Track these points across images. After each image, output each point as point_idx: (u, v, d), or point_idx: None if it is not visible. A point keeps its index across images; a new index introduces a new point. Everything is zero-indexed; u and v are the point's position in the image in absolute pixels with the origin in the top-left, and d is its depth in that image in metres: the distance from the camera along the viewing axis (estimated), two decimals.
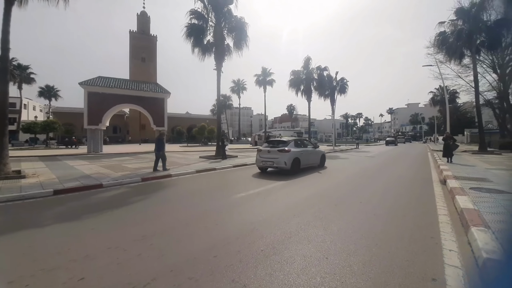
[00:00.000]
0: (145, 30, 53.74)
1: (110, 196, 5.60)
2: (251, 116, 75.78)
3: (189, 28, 14.41)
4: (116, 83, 20.32)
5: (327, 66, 27.72)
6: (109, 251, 2.74)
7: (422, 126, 66.97)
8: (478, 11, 19.24)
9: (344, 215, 4.01)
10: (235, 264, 2.42)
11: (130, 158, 14.43)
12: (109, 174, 8.08)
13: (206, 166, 10.13)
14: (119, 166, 10.25)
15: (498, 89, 24.60)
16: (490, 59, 24.38)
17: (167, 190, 6.25)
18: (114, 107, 19.75)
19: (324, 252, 2.68)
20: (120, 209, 4.48)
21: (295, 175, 8.24)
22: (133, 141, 45.04)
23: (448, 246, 2.86)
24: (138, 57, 51.90)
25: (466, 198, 4.52)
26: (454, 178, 6.81)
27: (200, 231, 3.33)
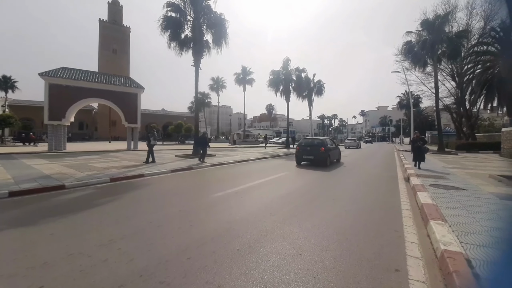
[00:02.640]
0: (117, 20, 50.39)
1: (73, 198, 5.15)
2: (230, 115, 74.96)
3: (166, 21, 13.81)
4: (82, 75, 18.75)
5: (305, 68, 28.47)
6: (71, 258, 2.52)
7: (390, 128, 72.11)
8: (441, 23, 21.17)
9: (318, 212, 4.15)
10: (210, 265, 2.37)
11: (98, 156, 13.43)
12: (73, 174, 7.43)
13: (183, 165, 9.81)
14: (85, 165, 9.48)
15: (455, 95, 27.39)
16: (450, 68, 27.06)
17: (139, 191, 5.92)
18: (80, 101, 18.20)
19: (298, 249, 2.75)
20: (84, 212, 4.14)
21: (274, 174, 8.36)
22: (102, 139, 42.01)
23: (410, 238, 3.10)
24: (109, 48, 48.49)
25: (426, 194, 4.95)
26: (416, 176, 7.43)
27: (174, 233, 3.20)
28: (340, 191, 5.97)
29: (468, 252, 2.47)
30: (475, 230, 3.09)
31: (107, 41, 48.37)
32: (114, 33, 49.21)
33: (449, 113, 29.40)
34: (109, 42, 48.51)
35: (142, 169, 8.62)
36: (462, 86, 25.14)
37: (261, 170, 9.61)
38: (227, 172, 9.15)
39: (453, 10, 25.00)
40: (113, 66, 45.16)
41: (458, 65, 25.81)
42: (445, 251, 2.45)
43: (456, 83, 26.78)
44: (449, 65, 26.72)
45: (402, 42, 23.73)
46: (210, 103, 54.10)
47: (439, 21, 21.33)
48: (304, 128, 78.58)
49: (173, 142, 34.41)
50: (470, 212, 3.85)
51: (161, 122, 50.03)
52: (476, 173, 8.32)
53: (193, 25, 14.23)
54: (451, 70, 27.10)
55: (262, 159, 14.11)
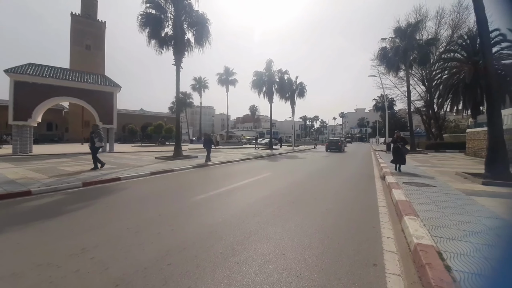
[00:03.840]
0: (91, 15, 47.52)
1: (40, 204, 4.74)
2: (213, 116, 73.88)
3: (145, 17, 13.27)
4: (51, 72, 17.42)
5: (288, 70, 28.91)
6: (39, 269, 2.32)
7: (367, 129, 75.76)
8: (412, 31, 22.70)
9: (301, 212, 4.21)
10: (192, 270, 2.29)
11: (68, 159, 12.53)
12: (40, 178, 6.85)
13: (163, 168, 9.47)
14: (54, 169, 8.79)
15: (425, 99, 29.49)
16: (420, 73, 29.12)
17: (115, 195, 5.60)
18: (49, 100, 16.89)
19: (281, 249, 2.76)
20: (53, 220, 3.82)
21: (258, 175, 8.37)
22: (73, 140, 39.27)
23: (386, 234, 3.26)
24: (82, 44, 45.54)
25: (400, 191, 5.25)
26: (391, 174, 7.85)
27: (153, 238, 3.06)
28: (321, 190, 6.13)
29: (438, 245, 2.64)
30: (444, 224, 3.32)
31: (80, 37, 45.37)
32: (88, 28, 46.31)
33: (419, 115, 31.61)
34: (82, 37, 45.55)
35: (118, 172, 8.19)
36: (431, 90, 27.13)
37: (245, 171, 9.58)
38: (209, 174, 8.99)
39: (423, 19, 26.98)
40: (86, 63, 42.38)
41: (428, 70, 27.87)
42: (418, 245, 2.60)
43: (426, 88, 28.88)
44: (419, 71, 28.78)
45: (378, 48, 25.14)
46: (192, 104, 52.95)
47: (410, 29, 22.86)
48: (287, 129, 79.80)
49: (153, 144, 33.10)
50: (439, 207, 4.14)
51: (140, 123, 47.93)
52: (444, 171, 8.99)
53: (174, 23, 13.83)
54: (422, 75, 29.19)
55: (246, 160, 14.08)
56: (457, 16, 25.97)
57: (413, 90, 29.61)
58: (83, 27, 45.79)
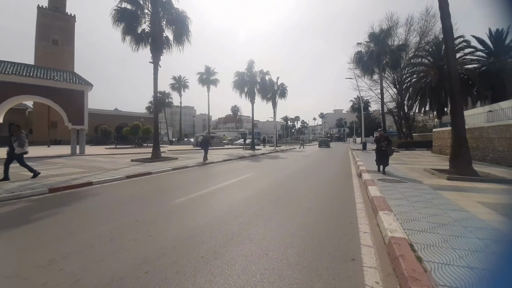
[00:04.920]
0: (60, 8, 44.04)
1: (3, 213, 4.28)
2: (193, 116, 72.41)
3: (120, 12, 12.59)
4: (13, 69, 15.84)
5: (269, 71, 29.21)
6: (6, 281, 2.13)
7: (345, 129, 79.04)
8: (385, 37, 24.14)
9: (283, 211, 4.26)
10: (171, 277, 2.21)
11: (33, 163, 11.44)
12: (1, 185, 6.19)
13: (140, 170, 9.05)
14: (16, 174, 7.99)
15: (397, 100, 31.47)
16: (392, 76, 31.03)
17: (87, 201, 5.23)
18: (10, 99, 15.32)
19: (264, 249, 2.76)
20: (18, 229, 3.47)
21: (240, 176, 8.33)
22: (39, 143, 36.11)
23: (363, 229, 3.41)
24: (48, 38, 42.00)
25: (375, 188, 5.53)
26: (367, 172, 8.25)
27: (129, 245, 2.90)
28: (302, 189, 6.26)
29: (410, 237, 2.82)
30: (415, 217, 3.55)
31: (46, 31, 41.81)
32: (55, 21, 42.82)
33: (392, 116, 33.70)
34: (49, 31, 42.02)
35: (89, 176, 7.67)
36: (402, 92, 29.06)
37: (227, 172, 9.48)
38: (190, 175, 8.77)
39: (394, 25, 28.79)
40: (53, 59, 39.18)
41: (399, 74, 29.81)
42: (392, 238, 2.75)
43: (397, 90, 30.85)
44: (391, 74, 30.70)
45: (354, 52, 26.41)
46: (171, 103, 51.37)
47: (383, 35, 24.32)
48: (269, 129, 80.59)
49: (129, 146, 31.49)
50: (410, 202, 4.43)
51: (114, 123, 45.34)
52: (413, 167, 9.65)
53: (151, 20, 13.28)
54: (393, 78, 31.15)
55: (228, 161, 13.95)
56: (424, 24, 28.09)
57: (386, 92, 31.54)
58: (50, 20, 42.28)
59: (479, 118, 13.53)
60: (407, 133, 29.66)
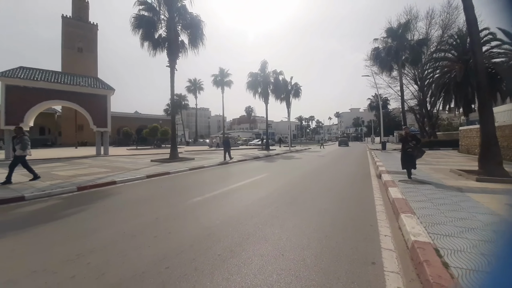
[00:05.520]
0: (83, 17, 46.93)
1: (35, 210, 4.64)
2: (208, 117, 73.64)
3: (138, 19, 13.18)
4: (43, 76, 17.11)
5: (282, 71, 29.02)
6: (34, 275, 2.27)
7: (362, 128, 76.49)
8: (403, 31, 23.05)
9: (298, 212, 4.21)
10: (190, 273, 2.27)
11: (62, 164, 12.31)
12: (34, 184, 6.72)
13: (159, 170, 9.38)
14: (48, 174, 8.62)
15: (418, 98, 29.94)
16: (413, 73, 29.55)
17: (111, 199, 5.52)
18: (41, 104, 16.58)
19: (280, 250, 2.75)
20: (48, 225, 3.74)
21: (254, 176, 8.36)
22: (67, 144, 38.65)
23: (383, 232, 3.28)
24: (74, 46, 44.90)
25: (396, 189, 5.30)
26: (387, 172, 7.93)
27: (150, 242, 3.02)
28: (318, 190, 6.15)
29: (435, 242, 2.67)
30: (440, 221, 3.36)
31: (72, 39, 44.76)
32: (79, 30, 45.71)
33: (413, 114, 32.08)
34: (74, 40, 44.94)
35: (113, 176, 8.08)
36: (424, 89, 27.56)
37: (241, 173, 9.56)
38: (206, 175, 8.94)
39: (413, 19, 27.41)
40: (78, 66, 41.83)
41: (420, 70, 28.31)
42: (415, 242, 2.62)
43: (418, 87, 29.33)
44: (412, 70, 29.23)
45: (371, 48, 25.46)
46: (187, 105, 52.69)
47: (401, 29, 23.24)
48: (283, 130, 79.96)
49: (148, 147, 32.81)
50: (435, 204, 4.19)
51: (134, 126, 47.37)
52: (438, 168, 9.12)
53: (167, 25, 13.76)
54: (414, 74, 29.65)
55: (243, 161, 14.05)
56: (447, 16, 26.47)
57: (406, 89, 30.09)
58: (75, 29, 45.20)
59: (510, 115, 12.50)
60: (430, 132, 28.09)
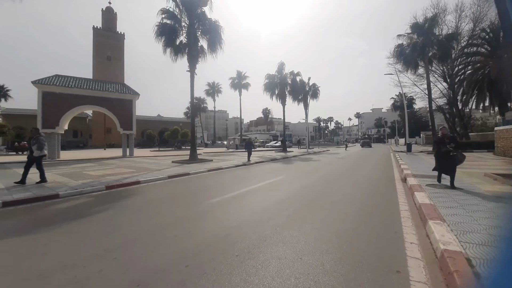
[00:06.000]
0: (111, 27, 50.31)
1: (67, 207, 5.04)
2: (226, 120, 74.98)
3: (161, 27, 13.86)
4: (76, 83, 18.59)
5: (300, 72, 28.71)
6: (65, 269, 2.44)
7: (385, 129, 72.95)
8: (430, 26, 21.68)
9: (317, 216, 4.12)
10: (209, 273, 2.32)
11: (92, 164, 13.23)
12: (67, 182, 7.30)
13: (179, 171, 9.72)
14: (79, 173, 9.32)
15: (448, 96, 27.93)
16: (441, 69, 27.63)
17: (135, 198, 5.82)
18: (74, 109, 18.00)
19: (298, 253, 2.71)
20: (78, 221, 4.04)
21: (271, 178, 8.34)
22: (97, 146, 41.50)
23: (409, 239, 3.09)
24: (103, 55, 48.27)
25: (424, 194, 4.98)
26: (413, 176, 7.48)
27: (170, 241, 3.14)
28: (338, 193, 5.96)
29: (468, 251, 2.46)
30: (473, 229, 3.09)
31: (101, 48, 48.19)
32: (108, 40, 49.08)
33: (442, 113, 29.94)
34: (103, 49, 48.35)
35: (137, 176, 8.51)
36: (454, 87, 25.67)
37: (259, 174, 9.57)
38: (224, 177, 9.08)
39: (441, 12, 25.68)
40: (107, 73, 44.91)
41: (449, 66, 26.41)
42: (445, 251, 2.44)
43: (448, 84, 27.34)
44: (440, 67, 27.35)
45: (394, 45, 24.31)
46: (206, 108, 54.08)
47: (428, 24, 21.86)
48: (301, 131, 78.94)
49: (170, 148, 34.17)
50: (467, 211, 3.87)
51: (157, 128, 49.65)
52: (471, 172, 8.41)
53: (188, 32, 14.30)
54: (443, 71, 27.70)
55: (260, 163, 14.08)
56: (477, 9, 24.42)
57: (434, 87, 28.17)
58: (104, 39, 48.59)
59: None
60: (462, 133, 26.02)
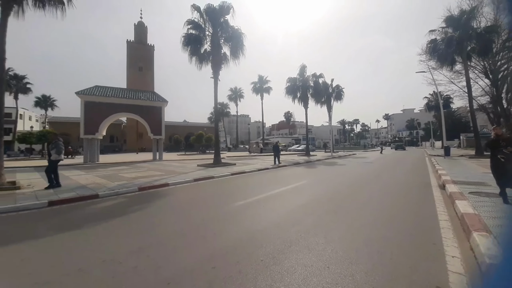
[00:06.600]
0: (142, 40, 54.37)
1: (105, 206, 5.49)
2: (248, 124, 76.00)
3: (187, 38, 14.61)
4: (113, 92, 20.35)
5: (322, 73, 28.00)
6: (103, 264, 2.65)
7: (419, 131, 67.65)
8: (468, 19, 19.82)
9: (344, 223, 3.95)
10: (234, 276, 2.35)
11: (126, 167, 14.27)
12: (105, 184, 7.95)
13: (204, 174, 10.04)
14: (116, 175, 10.11)
15: (491, 94, 25.08)
16: (482, 64, 24.96)
17: (164, 200, 6.14)
18: (111, 116, 19.69)
19: (325, 261, 2.62)
20: (115, 220, 4.38)
21: (295, 183, 8.22)
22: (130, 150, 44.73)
23: (450, 252, 2.82)
24: (135, 66, 52.26)
25: (466, 203, 4.51)
26: (453, 182, 6.81)
27: (198, 241, 3.25)
28: (366, 199, 5.66)
29: None
30: None
31: (134, 60, 52.27)
32: (140, 52, 53.11)
33: (485, 113, 26.92)
34: (136, 60, 52.38)
35: (166, 178, 8.97)
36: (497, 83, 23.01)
37: (282, 179, 9.49)
38: (247, 180, 9.16)
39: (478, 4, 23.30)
40: (139, 82, 48.51)
41: (491, 61, 23.75)
42: (492, 266, 2.17)
43: (491, 81, 24.56)
44: (480, 62, 24.70)
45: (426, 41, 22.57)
46: (229, 113, 55.34)
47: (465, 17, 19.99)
48: (324, 134, 76.65)
49: (195, 152, 35.54)
50: None
51: (183, 133, 52.09)
52: None
53: (211, 40, 14.88)
54: (484, 67, 24.97)
55: (283, 167, 13.96)
56: None
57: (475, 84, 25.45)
58: (136, 51, 52.70)
59: None
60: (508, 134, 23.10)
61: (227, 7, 14.54)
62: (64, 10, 8.69)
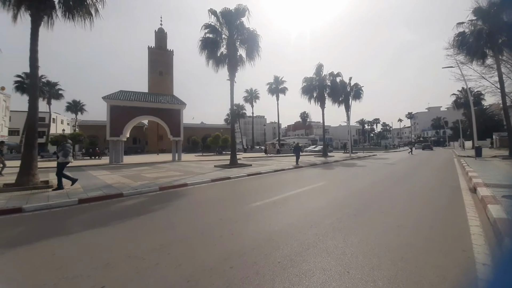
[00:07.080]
0: (162, 46, 56.64)
1: (129, 205, 5.78)
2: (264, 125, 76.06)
3: (204, 41, 14.99)
4: (136, 96, 21.41)
5: (340, 72, 27.30)
6: (128, 260, 2.80)
7: (446, 130, 63.41)
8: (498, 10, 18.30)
9: (364, 226, 3.82)
10: (252, 276, 2.36)
11: (148, 168, 14.93)
12: (129, 183, 8.38)
13: (221, 175, 10.21)
14: (138, 175, 10.61)
15: None
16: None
17: (184, 199, 6.34)
18: (134, 119, 20.72)
19: (345, 266, 2.55)
20: (138, 218, 4.60)
21: (312, 184, 8.08)
22: (151, 151, 46.71)
23: (482, 260, 2.61)
24: (156, 71, 54.58)
25: (499, 207, 4.15)
26: (485, 185, 6.31)
27: (216, 241, 3.31)
28: (389, 203, 5.42)
29: None
30: None
31: (155, 65, 54.66)
32: (160, 57, 55.44)
33: None
34: (156, 65, 54.73)
35: (185, 179, 9.25)
36: None
37: (298, 180, 9.38)
38: (264, 181, 9.17)
39: None
40: (159, 86, 50.66)
41: None
42: None
43: None
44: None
45: (454, 34, 21.12)
46: (245, 114, 55.82)
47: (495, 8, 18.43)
48: (342, 135, 74.45)
49: (212, 153, 36.29)
50: None
51: (201, 135, 53.35)
52: None
53: (227, 43, 15.14)
54: None
55: (299, 168, 13.79)
56: None
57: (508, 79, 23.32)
58: (157, 57, 55.06)
59: None
60: None
61: (242, 9, 14.72)
62: (92, 20, 9.28)
